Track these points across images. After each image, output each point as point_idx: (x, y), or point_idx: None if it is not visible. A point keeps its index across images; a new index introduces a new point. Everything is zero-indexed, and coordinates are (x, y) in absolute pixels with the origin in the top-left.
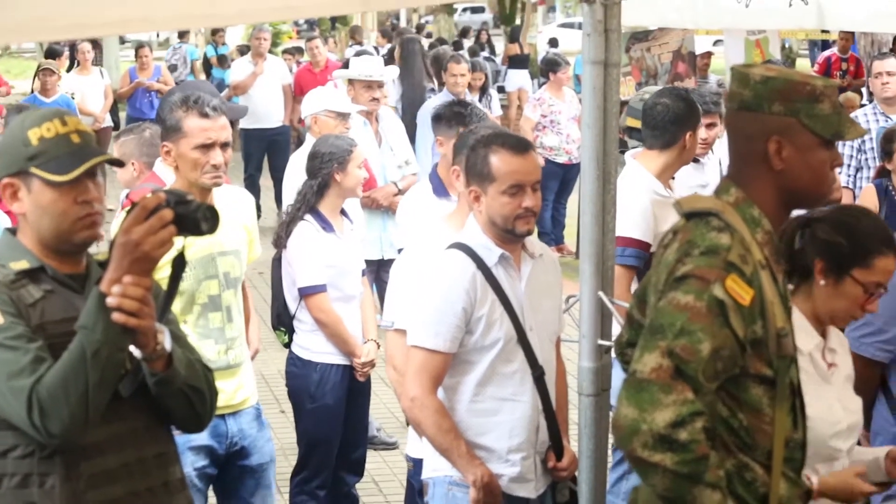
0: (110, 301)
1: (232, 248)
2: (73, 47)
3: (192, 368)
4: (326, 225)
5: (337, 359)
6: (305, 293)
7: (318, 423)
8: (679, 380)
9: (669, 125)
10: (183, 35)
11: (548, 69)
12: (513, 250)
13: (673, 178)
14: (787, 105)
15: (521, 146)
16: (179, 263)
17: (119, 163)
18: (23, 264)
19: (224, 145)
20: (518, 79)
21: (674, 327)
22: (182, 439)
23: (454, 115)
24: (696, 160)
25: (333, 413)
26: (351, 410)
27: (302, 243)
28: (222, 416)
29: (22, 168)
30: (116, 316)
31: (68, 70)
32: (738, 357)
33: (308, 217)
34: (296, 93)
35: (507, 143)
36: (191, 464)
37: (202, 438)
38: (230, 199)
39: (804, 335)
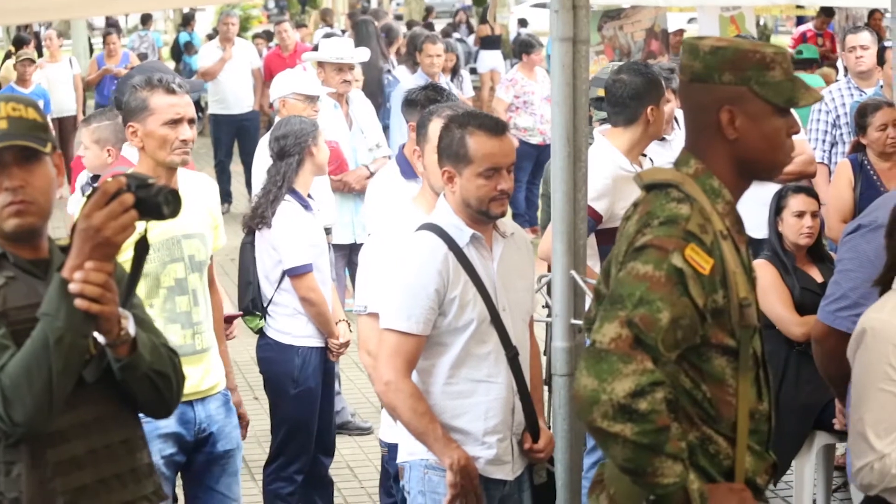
0: (72, 287)
1: (197, 231)
2: (37, 35)
3: (157, 353)
4: (305, 203)
5: (316, 341)
6: (294, 273)
7: (301, 408)
8: (638, 349)
9: (629, 101)
10: (146, 21)
11: (521, 50)
12: (484, 230)
13: (644, 156)
14: (738, 74)
15: (497, 128)
16: (142, 247)
17: (33, 151)
18: None
19: (191, 121)
20: (490, 60)
21: (633, 297)
22: (150, 427)
23: (427, 100)
24: (662, 138)
25: (314, 396)
26: (324, 392)
27: (288, 223)
28: (190, 403)
29: None
30: (79, 302)
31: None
32: (698, 326)
33: (289, 197)
34: (265, 77)
35: (483, 124)
36: (158, 451)
37: (170, 426)
38: (194, 183)
39: None
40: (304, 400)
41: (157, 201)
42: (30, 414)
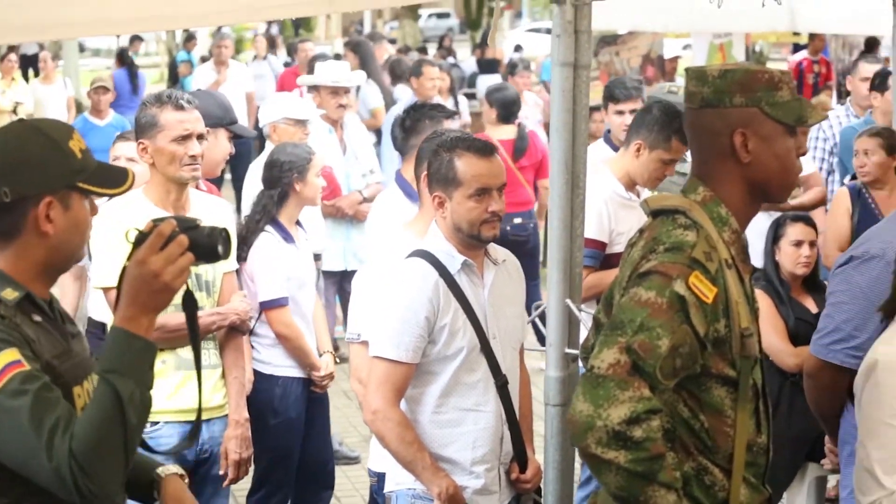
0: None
1: None
2: (25, 56)
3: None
4: (287, 236)
5: (297, 372)
6: (267, 307)
7: (282, 438)
8: (636, 376)
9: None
10: (133, 42)
11: (508, 73)
12: (475, 257)
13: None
14: (748, 95)
15: (486, 150)
16: (191, 303)
17: None
18: (10, 293)
19: (200, 137)
20: (489, 83)
21: (634, 323)
22: (153, 443)
23: (414, 122)
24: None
25: (296, 426)
26: (313, 423)
27: (264, 256)
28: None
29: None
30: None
31: (27, 79)
32: (698, 355)
33: (269, 228)
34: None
35: (472, 146)
36: None
37: (172, 444)
38: (206, 205)
39: None
40: (284, 430)
41: (213, 242)
42: (108, 481)
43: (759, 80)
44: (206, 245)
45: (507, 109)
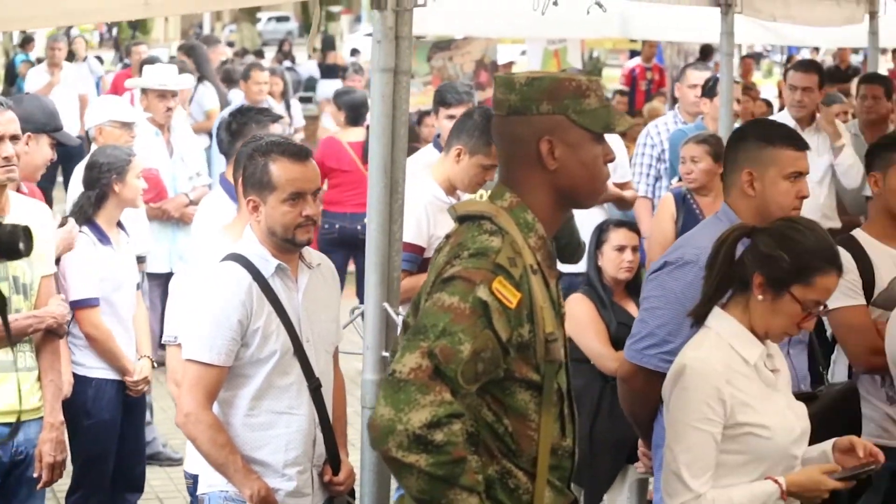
0: None
1: None
2: None
3: None
4: (103, 237)
5: (111, 373)
6: (77, 307)
7: (95, 440)
8: (437, 380)
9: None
10: None
11: (341, 76)
12: (290, 261)
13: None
14: (555, 103)
15: (300, 154)
16: (2, 305)
17: None
18: None
19: (13, 138)
20: (329, 88)
21: (436, 328)
22: None
23: (240, 125)
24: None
25: (110, 428)
26: (127, 426)
27: (76, 256)
28: (8, 425)
29: None
30: None
31: None
32: (500, 360)
33: (85, 229)
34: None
35: (287, 150)
36: None
37: None
38: (25, 208)
39: (748, 346)
40: (97, 433)
41: (14, 240)
42: None
43: (566, 88)
44: (7, 242)
45: (356, 112)
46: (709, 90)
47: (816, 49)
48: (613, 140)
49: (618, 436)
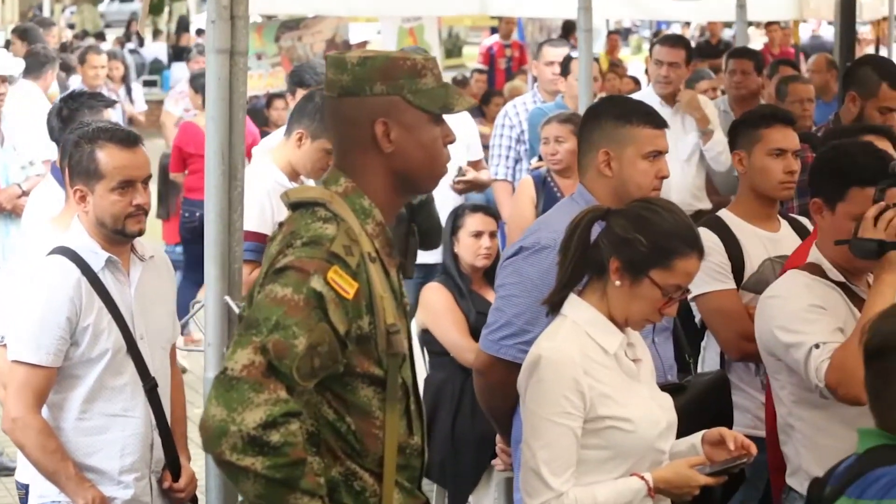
0: None
1: None
2: None
3: None
4: None
5: None
6: None
7: None
8: (272, 377)
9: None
10: None
11: (185, 59)
12: (121, 253)
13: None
14: (389, 83)
15: (129, 140)
16: None
17: None
18: None
19: None
20: (182, 71)
21: (269, 322)
22: None
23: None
24: None
25: None
26: None
27: None
28: None
29: None
30: None
31: None
32: (338, 354)
33: None
34: None
35: (114, 137)
36: None
37: None
38: None
39: (607, 335)
40: None
41: None
42: None
43: (401, 68)
44: None
45: None
46: (566, 68)
47: (687, 24)
48: (463, 117)
49: (481, 432)
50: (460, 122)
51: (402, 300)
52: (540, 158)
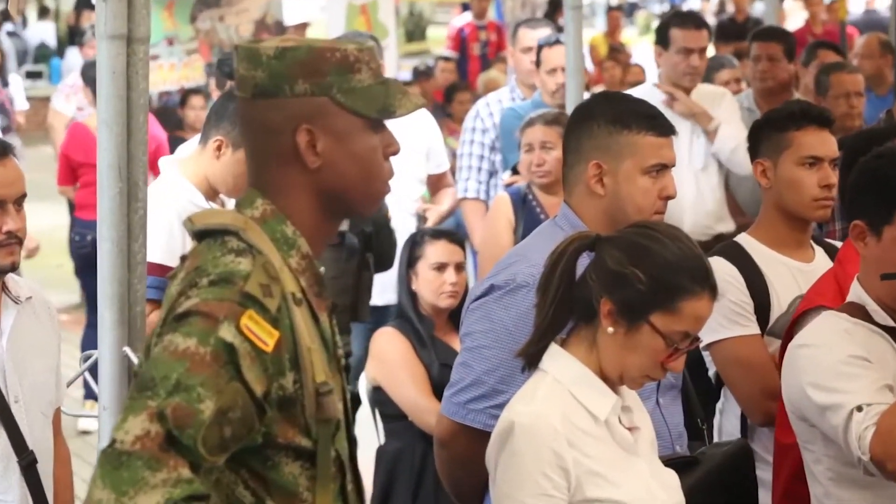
0: None
1: None
2: None
3: None
4: None
5: None
6: None
7: None
8: (171, 452)
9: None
10: None
11: (78, 44)
12: None
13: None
14: (315, 81)
15: None
16: None
17: None
18: None
19: None
20: (76, 58)
21: (168, 381)
22: None
23: None
24: None
25: None
26: None
27: None
28: None
29: None
30: None
31: None
32: (255, 420)
33: None
34: None
35: None
36: None
37: None
38: None
39: (596, 396)
40: None
41: None
42: None
43: (329, 61)
44: None
45: None
46: (539, 56)
47: None
48: (422, 118)
49: None
50: (418, 125)
51: (336, 351)
52: (514, 171)
